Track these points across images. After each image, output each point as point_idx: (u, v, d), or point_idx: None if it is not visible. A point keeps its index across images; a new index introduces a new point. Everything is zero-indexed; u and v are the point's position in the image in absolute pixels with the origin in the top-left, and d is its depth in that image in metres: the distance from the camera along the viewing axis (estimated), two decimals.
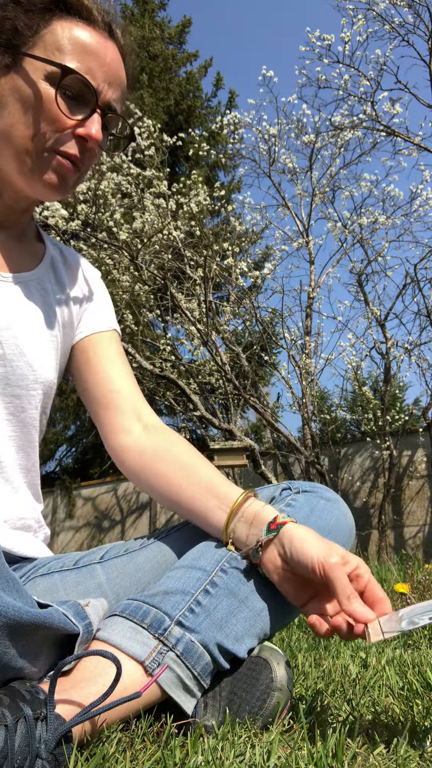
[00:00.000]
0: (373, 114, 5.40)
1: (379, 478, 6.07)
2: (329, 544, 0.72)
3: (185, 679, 0.69)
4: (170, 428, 0.93)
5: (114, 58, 0.83)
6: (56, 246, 1.00)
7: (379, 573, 2.78)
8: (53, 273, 0.95)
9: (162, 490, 0.86)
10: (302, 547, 0.72)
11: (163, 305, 5.82)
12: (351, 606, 0.67)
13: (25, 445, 0.88)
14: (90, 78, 0.80)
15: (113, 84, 0.83)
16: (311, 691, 0.93)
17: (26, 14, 0.79)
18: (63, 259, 0.99)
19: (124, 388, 0.93)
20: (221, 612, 0.73)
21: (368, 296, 5.99)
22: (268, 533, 0.75)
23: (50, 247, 0.98)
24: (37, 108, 0.78)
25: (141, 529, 7.35)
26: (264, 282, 6.07)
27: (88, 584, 0.84)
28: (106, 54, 0.82)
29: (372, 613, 0.67)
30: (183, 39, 9.95)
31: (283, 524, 0.75)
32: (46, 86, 0.78)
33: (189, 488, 0.83)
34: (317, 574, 0.70)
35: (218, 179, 9.09)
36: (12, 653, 0.56)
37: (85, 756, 0.58)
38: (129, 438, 0.90)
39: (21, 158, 0.80)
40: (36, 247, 0.96)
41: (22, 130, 0.79)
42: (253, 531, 0.77)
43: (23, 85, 0.78)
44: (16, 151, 0.80)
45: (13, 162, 0.81)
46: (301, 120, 6.11)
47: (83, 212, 4.80)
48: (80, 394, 0.97)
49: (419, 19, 5.04)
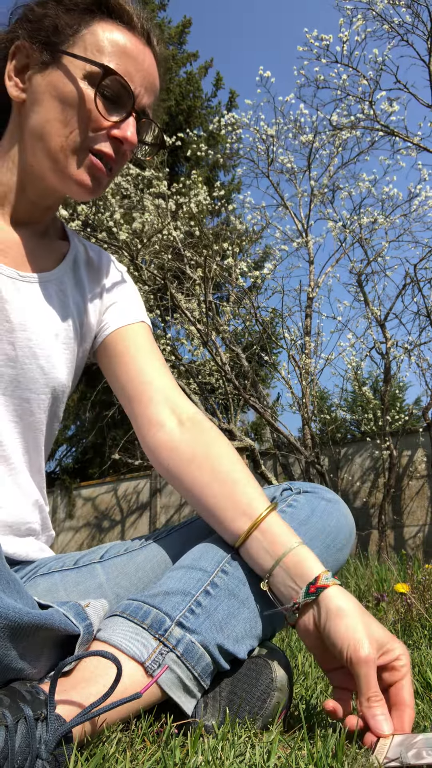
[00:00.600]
0: (371, 113, 5.40)
1: (379, 478, 6.07)
2: (368, 626, 0.66)
3: (185, 679, 0.69)
4: (209, 421, 0.86)
5: (150, 65, 0.84)
6: (81, 243, 0.98)
7: (379, 573, 2.78)
8: (74, 273, 0.93)
9: (193, 500, 0.81)
10: (336, 626, 0.66)
11: (163, 305, 5.82)
12: (369, 711, 0.63)
13: (30, 448, 0.87)
14: (128, 81, 0.80)
15: (149, 90, 0.84)
16: (311, 691, 0.93)
17: (67, 13, 0.80)
18: (87, 258, 0.97)
19: (156, 379, 0.88)
20: (222, 613, 0.73)
21: (368, 296, 5.99)
22: (307, 596, 0.70)
23: (75, 245, 0.96)
24: (75, 106, 0.78)
25: (141, 529, 7.35)
26: (264, 282, 6.08)
27: (88, 584, 0.84)
28: (144, 59, 0.82)
29: (387, 727, 0.62)
30: (183, 39, 9.94)
31: (324, 588, 0.69)
32: (85, 85, 0.78)
33: (222, 502, 0.77)
34: (344, 661, 0.66)
35: (218, 179, 9.09)
36: (13, 655, 0.56)
37: (85, 756, 0.58)
38: (161, 433, 0.84)
39: (55, 156, 0.80)
40: (59, 246, 0.94)
41: (58, 127, 0.79)
42: (291, 584, 0.72)
43: (62, 82, 0.78)
44: (51, 149, 0.80)
45: (46, 159, 0.81)
46: (298, 120, 6.11)
47: (83, 212, 4.80)
48: (115, 393, 0.92)
49: (418, 18, 5.04)
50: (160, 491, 7.34)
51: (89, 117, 0.79)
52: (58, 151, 0.79)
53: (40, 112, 0.80)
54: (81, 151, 0.80)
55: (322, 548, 0.82)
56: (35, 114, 0.80)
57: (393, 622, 1.90)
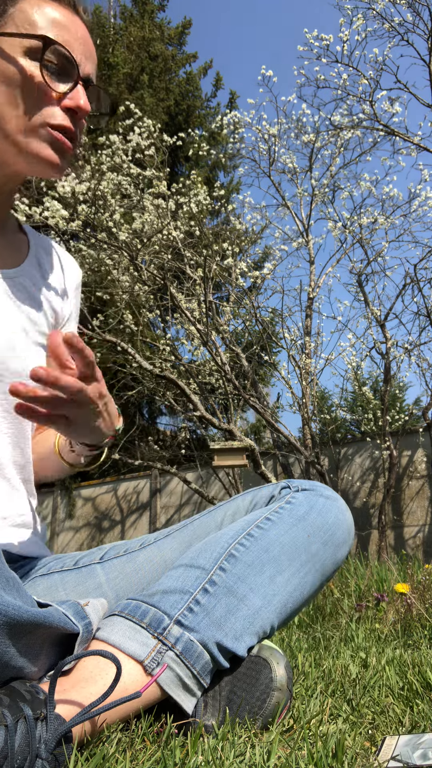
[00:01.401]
0: (372, 113, 5.40)
1: (379, 478, 6.07)
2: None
3: (185, 678, 0.69)
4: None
5: (84, 33, 0.83)
6: (35, 235, 0.98)
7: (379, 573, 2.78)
8: (39, 267, 0.93)
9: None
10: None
11: (163, 305, 5.82)
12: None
13: (20, 441, 0.87)
14: (69, 50, 0.79)
15: (89, 57, 0.82)
16: (311, 691, 0.93)
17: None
18: (45, 251, 0.97)
19: None
20: (220, 611, 0.73)
21: (368, 296, 5.99)
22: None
23: (32, 238, 0.96)
24: (23, 85, 0.76)
25: (141, 529, 7.35)
26: (264, 282, 6.07)
27: (87, 584, 0.84)
28: (77, 29, 0.81)
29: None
30: (183, 40, 9.94)
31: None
32: (26, 62, 0.76)
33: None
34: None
35: (218, 179, 9.09)
36: (12, 652, 0.56)
37: (85, 756, 0.58)
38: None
39: (15, 138, 0.78)
40: (20, 239, 0.93)
41: (10, 110, 0.77)
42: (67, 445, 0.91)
43: (3, 64, 0.76)
44: (9, 132, 0.77)
45: (6, 143, 0.79)
46: (300, 120, 6.11)
47: (83, 212, 4.80)
48: None
49: (419, 18, 5.03)
50: (160, 491, 7.34)
51: (39, 92, 0.77)
52: (17, 133, 0.77)
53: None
54: (40, 128, 0.78)
55: (320, 544, 0.82)
56: None
57: (393, 622, 1.90)
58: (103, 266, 5.24)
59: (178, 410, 6.18)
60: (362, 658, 1.26)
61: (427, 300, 5.62)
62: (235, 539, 0.79)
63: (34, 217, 4.40)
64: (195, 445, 7.07)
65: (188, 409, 5.53)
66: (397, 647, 1.47)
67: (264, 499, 0.90)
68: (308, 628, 2.03)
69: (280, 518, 0.82)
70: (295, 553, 0.80)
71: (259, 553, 0.78)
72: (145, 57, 9.12)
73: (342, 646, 1.51)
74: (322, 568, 0.83)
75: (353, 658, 1.28)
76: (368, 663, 1.20)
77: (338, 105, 5.71)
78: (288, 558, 0.79)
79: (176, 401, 6.03)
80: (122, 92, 8.45)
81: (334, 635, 1.77)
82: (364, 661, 1.23)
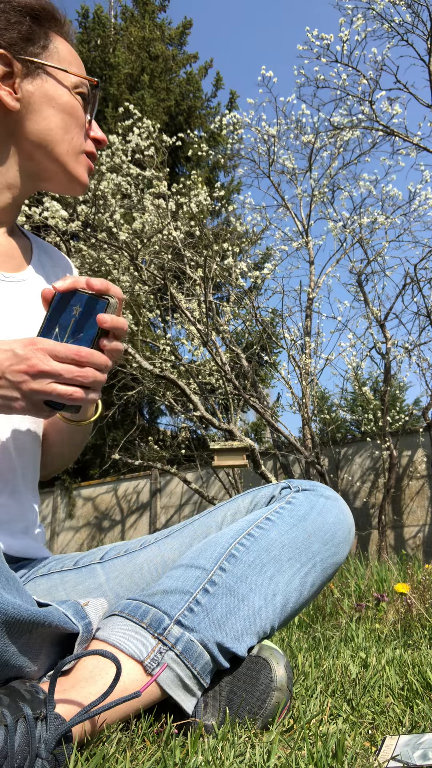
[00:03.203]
0: (371, 114, 5.40)
1: (379, 478, 6.07)
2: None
3: (185, 678, 0.69)
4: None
5: None
6: (35, 239, 1.01)
7: (379, 573, 2.78)
8: (42, 270, 0.96)
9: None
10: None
11: (163, 305, 5.82)
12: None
13: (20, 443, 0.87)
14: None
15: None
16: (311, 691, 0.93)
17: (33, 22, 0.85)
18: (46, 253, 1.00)
19: None
20: (220, 611, 0.73)
21: (368, 296, 5.99)
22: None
23: (34, 241, 0.99)
24: (72, 115, 0.88)
25: (141, 529, 7.35)
26: (264, 282, 6.08)
27: (87, 584, 0.84)
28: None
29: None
30: (183, 40, 9.93)
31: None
32: (74, 95, 0.88)
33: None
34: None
35: (218, 180, 9.08)
36: (12, 651, 0.56)
37: (85, 756, 0.58)
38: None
39: (63, 159, 0.88)
40: (24, 243, 0.96)
41: (61, 135, 0.87)
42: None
43: (57, 93, 0.86)
44: (58, 154, 0.87)
45: (52, 164, 0.88)
46: (300, 120, 6.11)
47: (83, 213, 4.80)
48: None
49: (418, 18, 5.04)
50: (160, 491, 7.34)
51: (82, 124, 0.89)
52: (65, 155, 0.88)
53: (38, 120, 0.85)
54: (81, 154, 0.90)
55: (320, 544, 0.82)
56: (32, 122, 0.85)
57: (393, 622, 1.90)
58: (103, 266, 5.25)
59: (178, 410, 6.18)
60: (362, 658, 1.26)
61: (427, 300, 5.62)
62: (235, 539, 0.80)
63: (33, 217, 4.41)
64: (195, 445, 7.07)
65: (188, 409, 5.53)
66: (397, 647, 1.47)
67: (264, 500, 0.90)
68: (308, 628, 2.03)
69: (281, 518, 0.82)
70: (295, 553, 0.80)
71: (259, 553, 0.78)
72: (145, 57, 9.11)
73: (342, 646, 1.51)
74: (323, 568, 0.83)
75: (353, 658, 1.28)
76: (368, 663, 1.20)
77: (338, 105, 5.72)
78: (288, 558, 0.80)
79: (176, 401, 6.03)
80: (123, 92, 8.45)
81: (334, 635, 1.77)
82: (364, 661, 1.23)
